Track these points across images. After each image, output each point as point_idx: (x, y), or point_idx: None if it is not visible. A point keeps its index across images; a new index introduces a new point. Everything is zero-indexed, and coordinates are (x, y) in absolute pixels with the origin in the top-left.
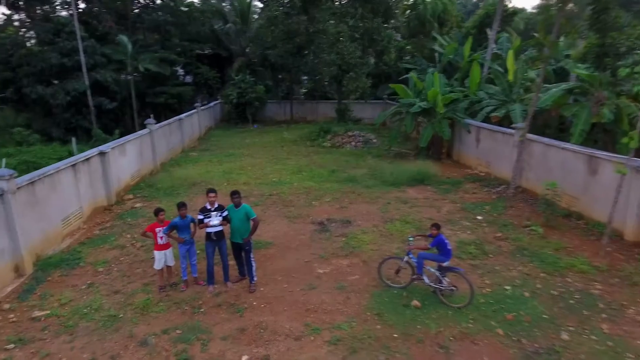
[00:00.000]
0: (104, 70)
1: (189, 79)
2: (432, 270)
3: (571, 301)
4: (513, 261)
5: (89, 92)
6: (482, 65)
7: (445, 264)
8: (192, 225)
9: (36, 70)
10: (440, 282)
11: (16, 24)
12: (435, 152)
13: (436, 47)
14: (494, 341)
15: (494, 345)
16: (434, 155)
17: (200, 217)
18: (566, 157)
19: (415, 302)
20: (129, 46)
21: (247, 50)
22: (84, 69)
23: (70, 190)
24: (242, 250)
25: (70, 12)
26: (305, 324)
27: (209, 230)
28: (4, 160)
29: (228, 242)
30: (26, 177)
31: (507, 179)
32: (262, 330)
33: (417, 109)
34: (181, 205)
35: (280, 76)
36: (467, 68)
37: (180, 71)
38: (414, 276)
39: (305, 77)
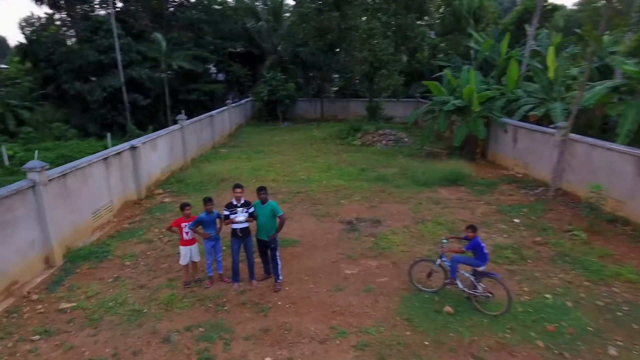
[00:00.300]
0: (139, 67)
1: (221, 76)
2: (467, 274)
3: (619, 313)
4: (554, 268)
5: (124, 89)
6: (520, 62)
7: (480, 269)
8: (218, 221)
9: (75, 67)
10: (475, 287)
11: (57, 23)
12: (469, 152)
13: (471, 44)
14: (533, 354)
15: (534, 358)
16: (467, 155)
17: (226, 212)
18: (612, 159)
19: (447, 308)
20: (163, 44)
21: (278, 48)
22: (120, 66)
23: (101, 184)
24: (267, 248)
25: (109, 11)
26: (331, 326)
27: (235, 226)
28: (36, 152)
29: (254, 239)
30: (58, 170)
31: (546, 180)
32: (286, 332)
33: (451, 107)
34: (207, 201)
35: (311, 74)
36: (504, 65)
37: (213, 69)
38: (447, 280)
39: (336, 75)
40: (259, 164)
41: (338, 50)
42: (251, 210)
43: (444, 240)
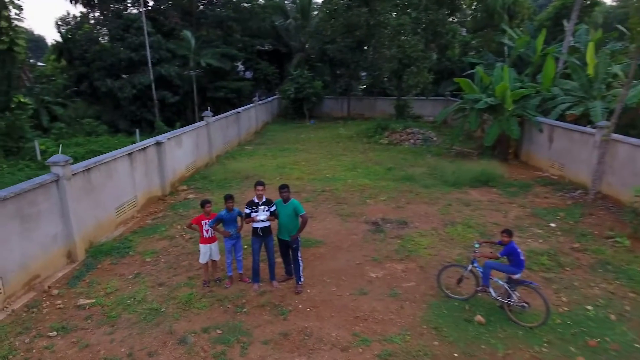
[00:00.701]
0: (168, 64)
1: (248, 74)
2: (500, 282)
3: None
4: (594, 277)
5: (153, 86)
6: (556, 59)
7: (516, 277)
8: (239, 219)
9: (106, 64)
10: (510, 296)
11: (92, 21)
12: (501, 152)
13: (505, 41)
14: None
15: None
16: (499, 156)
17: (247, 210)
18: None
19: (479, 318)
20: (192, 41)
21: (306, 46)
22: (149, 64)
23: (125, 179)
24: (289, 248)
25: (140, 9)
26: (353, 333)
27: (256, 225)
28: (60, 146)
29: (275, 238)
30: (82, 164)
31: (584, 183)
32: (306, 337)
33: (483, 105)
34: (228, 198)
35: (338, 72)
36: (539, 63)
37: (241, 67)
38: (479, 288)
39: (363, 73)
40: (284, 162)
41: (366, 47)
42: (273, 208)
43: (477, 245)
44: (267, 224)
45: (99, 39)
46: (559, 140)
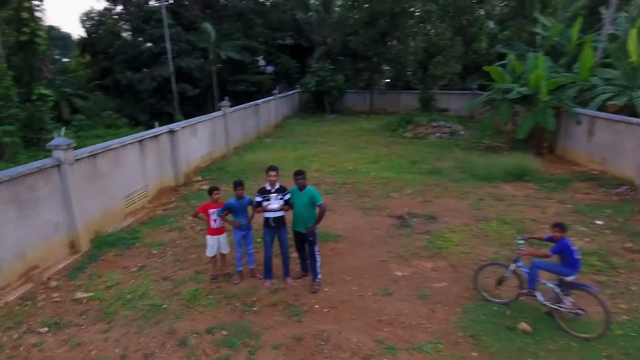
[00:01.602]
0: (188, 57)
1: (269, 69)
2: (550, 285)
3: None
4: None
5: (173, 79)
6: (594, 49)
7: (569, 279)
8: (249, 208)
9: (127, 57)
10: (561, 301)
11: (115, 17)
12: (535, 146)
13: (537, 30)
14: None
15: None
16: (532, 150)
17: (259, 199)
18: None
19: (523, 326)
20: (213, 34)
21: (328, 40)
22: (169, 55)
23: (135, 167)
24: (305, 242)
25: (162, 3)
26: (376, 339)
27: (268, 215)
28: (62, 129)
29: (290, 231)
30: (87, 149)
31: (630, 178)
32: (322, 343)
33: (515, 95)
34: (238, 184)
35: (360, 65)
36: (575, 52)
37: (262, 62)
38: (523, 290)
39: (386, 67)
40: (303, 154)
41: (389, 39)
42: (287, 197)
43: (521, 241)
44: (280, 214)
45: (121, 33)
46: (600, 133)
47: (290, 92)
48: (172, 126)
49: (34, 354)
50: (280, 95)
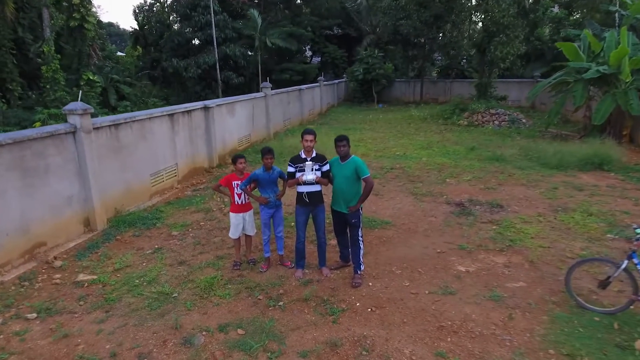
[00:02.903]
0: (234, 45)
1: (316, 60)
2: None
3: None
4: None
5: (217, 66)
6: None
7: None
8: (280, 182)
9: (174, 45)
10: None
11: (166, 9)
12: (614, 133)
13: (615, 8)
14: None
15: None
16: (611, 137)
17: (291, 169)
18: None
19: None
20: (259, 21)
21: (377, 29)
22: (214, 42)
23: (164, 143)
24: (346, 225)
25: None
26: (437, 352)
27: (301, 189)
28: (80, 92)
29: (329, 210)
30: (108, 118)
31: None
32: (364, 352)
33: (593, 75)
34: (266, 152)
35: (411, 53)
36: None
37: (308, 52)
38: (638, 297)
39: (438, 57)
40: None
41: (443, 27)
42: (325, 168)
43: (639, 230)
44: (316, 188)
45: (170, 24)
46: None
47: (336, 81)
48: (207, 102)
49: (13, 344)
50: (325, 83)
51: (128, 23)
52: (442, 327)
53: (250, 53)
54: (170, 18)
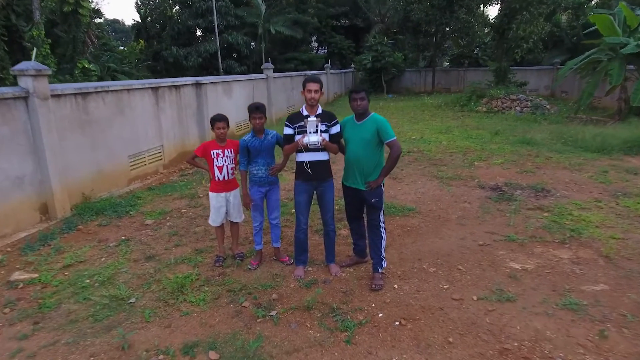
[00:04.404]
0: (236, 32)
1: (322, 51)
2: None
3: None
4: None
5: (219, 55)
6: None
7: None
8: (277, 148)
9: (174, 33)
10: None
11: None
12: None
13: None
14: None
15: None
16: None
17: (289, 130)
18: None
19: None
20: (263, 8)
21: (386, 19)
22: (216, 30)
23: (146, 121)
24: (363, 205)
25: None
26: None
27: (301, 158)
28: (34, 51)
29: (338, 186)
30: (74, 85)
31: None
32: None
33: (633, 50)
34: (254, 109)
35: (421, 41)
36: None
37: (314, 43)
38: None
39: (448, 46)
40: None
41: (456, 9)
42: (335, 129)
43: None
44: (323, 156)
45: (171, 14)
46: None
47: (343, 70)
48: (199, 78)
49: None
50: (332, 71)
51: (133, 19)
52: (506, 351)
53: (252, 43)
54: (174, 10)
